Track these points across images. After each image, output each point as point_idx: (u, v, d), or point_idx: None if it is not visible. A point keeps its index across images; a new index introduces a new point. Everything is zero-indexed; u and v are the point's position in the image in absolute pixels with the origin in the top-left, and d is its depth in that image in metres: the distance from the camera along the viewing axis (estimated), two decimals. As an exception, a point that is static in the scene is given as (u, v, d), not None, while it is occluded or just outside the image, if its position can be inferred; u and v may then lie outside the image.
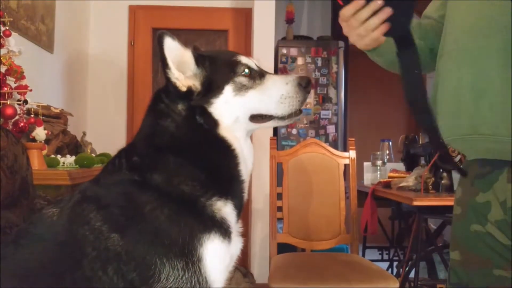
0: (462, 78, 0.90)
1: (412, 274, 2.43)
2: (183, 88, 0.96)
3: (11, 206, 1.20)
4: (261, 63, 1.07)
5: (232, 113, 0.98)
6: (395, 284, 1.95)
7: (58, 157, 2.06)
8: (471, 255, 0.97)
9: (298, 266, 2.13)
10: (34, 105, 2.05)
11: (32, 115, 1.99)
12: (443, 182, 2.37)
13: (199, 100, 0.96)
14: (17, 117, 1.88)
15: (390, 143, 3.42)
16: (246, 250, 3.36)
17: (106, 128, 3.64)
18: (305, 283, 1.92)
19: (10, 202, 1.20)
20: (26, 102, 1.93)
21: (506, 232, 0.91)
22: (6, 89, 1.87)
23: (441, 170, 2.39)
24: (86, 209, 0.88)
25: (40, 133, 1.93)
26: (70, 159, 2.05)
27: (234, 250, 0.97)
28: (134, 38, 3.77)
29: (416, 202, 2.10)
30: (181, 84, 0.96)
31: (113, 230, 0.85)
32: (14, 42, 1.95)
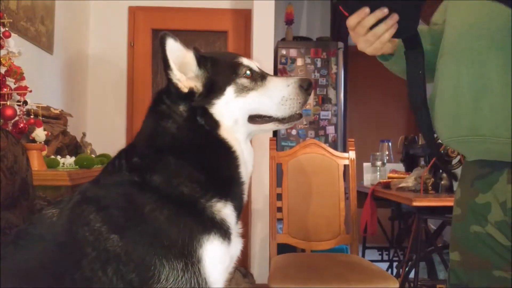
0: (461, 78, 0.90)
1: (412, 275, 2.43)
2: (185, 89, 0.96)
3: (11, 207, 1.20)
4: (260, 64, 1.07)
5: (232, 113, 0.98)
6: (395, 284, 1.95)
7: (58, 158, 2.06)
8: (471, 256, 0.97)
9: (298, 266, 2.13)
10: (34, 106, 2.06)
11: (32, 116, 1.99)
12: (443, 182, 2.37)
13: (201, 101, 0.96)
14: (17, 118, 1.88)
15: (390, 144, 3.42)
16: (246, 250, 3.36)
17: (106, 129, 3.64)
18: (305, 284, 1.92)
19: (10, 203, 1.20)
20: (25, 103, 1.93)
21: (506, 233, 0.91)
22: (6, 90, 1.87)
23: (440, 171, 2.39)
24: (86, 210, 0.88)
25: (40, 134, 1.94)
26: (70, 160, 2.05)
27: (234, 251, 0.97)
28: (133, 39, 3.77)
29: (415, 203, 2.10)
30: (182, 85, 0.96)
31: (112, 231, 0.85)
32: (14, 43, 1.95)
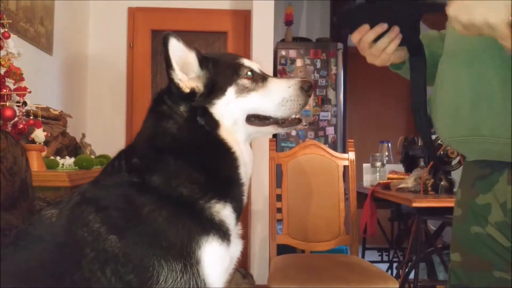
0: (461, 79, 0.90)
1: (411, 275, 2.43)
2: (186, 89, 0.96)
3: (11, 208, 1.20)
4: (260, 65, 1.07)
5: (232, 114, 0.98)
6: (395, 285, 1.95)
7: (58, 158, 2.06)
8: (472, 257, 0.97)
9: (297, 267, 2.13)
10: (33, 106, 2.05)
11: (31, 117, 1.98)
12: (442, 183, 2.37)
13: (201, 101, 0.97)
14: (16, 119, 1.88)
15: (389, 145, 3.42)
16: (246, 251, 3.36)
17: (105, 129, 3.64)
18: (304, 284, 1.92)
19: (9, 204, 1.20)
20: (25, 104, 1.93)
21: (507, 234, 0.90)
22: (5, 91, 1.87)
23: (440, 172, 2.39)
24: (85, 210, 0.88)
25: (39, 134, 1.93)
26: (69, 161, 2.05)
27: (233, 252, 0.97)
28: (133, 40, 3.77)
29: (415, 204, 2.10)
30: (184, 85, 0.96)
31: (111, 231, 0.85)
32: (13, 44, 1.95)
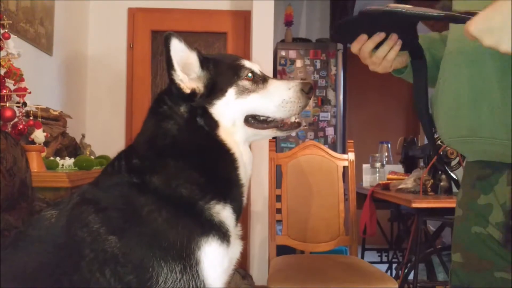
0: (461, 79, 0.91)
1: (411, 276, 2.43)
2: (187, 90, 0.96)
3: (10, 209, 1.20)
4: (260, 66, 1.07)
5: (231, 114, 0.98)
6: (394, 285, 1.95)
7: (57, 159, 2.06)
8: (472, 257, 0.97)
9: (297, 268, 2.13)
10: (33, 107, 2.05)
11: (31, 118, 1.98)
12: (442, 184, 2.37)
13: (202, 101, 0.97)
14: (16, 119, 1.88)
15: (389, 145, 3.42)
16: (245, 252, 3.36)
17: (105, 130, 3.64)
18: (304, 285, 1.92)
19: (9, 205, 1.20)
20: (25, 104, 1.93)
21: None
22: (5, 91, 1.87)
23: (440, 172, 2.39)
24: (85, 211, 0.88)
25: (39, 135, 1.94)
26: (69, 161, 2.05)
27: (233, 253, 0.97)
28: (133, 40, 3.77)
29: (415, 204, 2.10)
30: (185, 86, 0.96)
31: (111, 232, 0.85)
32: (13, 44, 1.95)
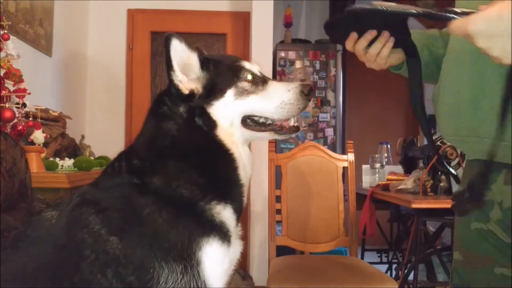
0: (462, 79, 0.91)
1: (411, 277, 2.43)
2: (186, 91, 0.96)
3: (10, 209, 1.20)
4: (259, 67, 1.07)
5: (230, 114, 0.98)
6: (394, 286, 1.95)
7: (57, 160, 2.06)
8: (472, 254, 0.98)
9: (297, 268, 2.13)
10: (33, 108, 2.05)
11: (30, 118, 1.98)
12: (442, 184, 2.37)
13: (200, 102, 0.97)
14: (15, 120, 1.88)
15: (389, 146, 3.42)
16: (245, 252, 3.35)
17: (105, 131, 3.64)
18: (304, 286, 1.92)
19: (8, 205, 1.19)
20: (24, 105, 1.93)
21: (507, 231, 0.91)
22: (4, 92, 1.87)
23: (439, 173, 2.39)
24: (85, 212, 0.88)
25: (38, 136, 1.93)
26: (68, 162, 2.05)
27: (233, 253, 0.97)
28: (132, 41, 3.77)
29: (414, 205, 2.10)
30: (183, 86, 0.96)
31: (111, 233, 0.85)
32: (13, 45, 1.95)
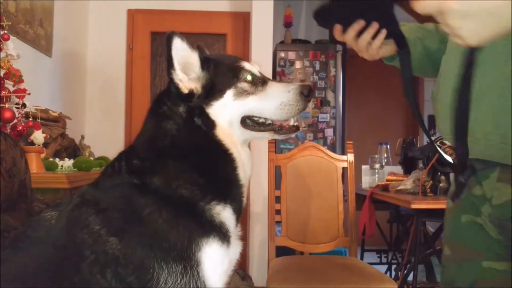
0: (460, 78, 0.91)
1: (410, 277, 2.43)
2: (185, 90, 0.96)
3: (10, 210, 1.20)
4: (259, 67, 1.07)
5: (229, 115, 0.98)
6: (394, 286, 1.95)
7: (57, 160, 2.06)
8: (461, 247, 0.98)
9: (296, 269, 2.13)
10: (33, 108, 2.05)
11: (30, 119, 1.98)
12: (441, 185, 2.37)
13: (199, 101, 0.97)
14: (15, 120, 1.88)
15: (388, 146, 3.42)
16: (245, 253, 3.36)
17: (104, 131, 3.64)
18: (303, 286, 1.92)
19: (8, 206, 1.20)
20: (24, 105, 1.93)
21: (495, 226, 0.91)
22: (4, 92, 1.87)
23: (439, 173, 2.39)
24: (85, 212, 0.88)
25: (38, 136, 1.94)
26: (68, 163, 2.05)
27: (233, 254, 0.97)
28: (132, 42, 3.77)
29: (414, 205, 2.10)
30: (183, 86, 0.96)
31: (111, 233, 0.85)
32: (13, 46, 1.95)
